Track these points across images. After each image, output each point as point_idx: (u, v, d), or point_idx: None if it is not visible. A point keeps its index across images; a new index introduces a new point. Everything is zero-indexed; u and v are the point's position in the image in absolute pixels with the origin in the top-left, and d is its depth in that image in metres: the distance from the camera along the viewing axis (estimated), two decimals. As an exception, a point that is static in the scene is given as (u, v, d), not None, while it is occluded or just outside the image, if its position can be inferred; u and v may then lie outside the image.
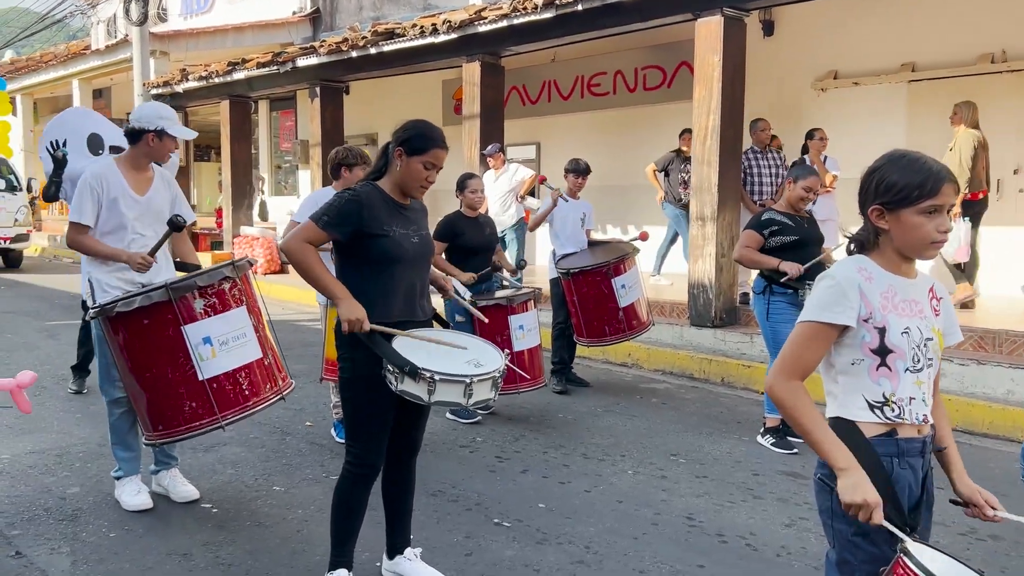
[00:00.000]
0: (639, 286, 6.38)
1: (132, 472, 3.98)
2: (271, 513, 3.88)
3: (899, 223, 1.98)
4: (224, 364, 3.44)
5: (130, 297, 3.42)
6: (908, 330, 2.00)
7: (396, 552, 3.20)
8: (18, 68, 20.04)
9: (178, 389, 3.41)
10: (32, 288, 12.12)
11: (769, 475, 4.59)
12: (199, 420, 3.43)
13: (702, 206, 7.47)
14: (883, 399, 2.00)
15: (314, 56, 11.53)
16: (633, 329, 6.31)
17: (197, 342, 3.39)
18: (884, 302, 2.00)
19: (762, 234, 4.90)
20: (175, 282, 3.44)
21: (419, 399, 2.76)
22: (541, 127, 12.54)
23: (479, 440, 5.14)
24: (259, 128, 17.25)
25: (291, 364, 7.11)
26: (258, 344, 3.57)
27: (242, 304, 3.55)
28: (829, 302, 1.99)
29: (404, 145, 2.93)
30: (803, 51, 9.63)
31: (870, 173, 2.04)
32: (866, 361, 2.00)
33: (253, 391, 3.51)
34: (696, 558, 3.50)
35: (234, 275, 3.54)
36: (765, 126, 7.92)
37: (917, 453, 2.03)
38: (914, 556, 1.76)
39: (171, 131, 3.87)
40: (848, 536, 2.01)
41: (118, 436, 3.95)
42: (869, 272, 2.02)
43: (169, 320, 3.39)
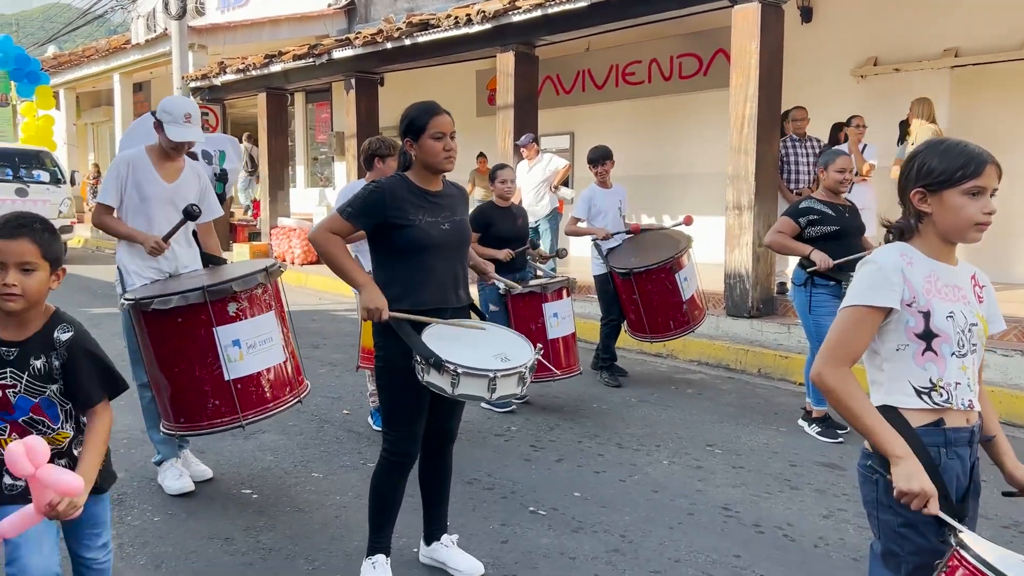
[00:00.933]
0: (695, 275, 6.31)
1: (170, 455, 4.06)
2: (310, 499, 3.94)
3: (942, 205, 1.96)
4: (250, 366, 3.52)
5: (167, 296, 3.48)
6: (952, 314, 1.97)
7: (433, 538, 3.23)
8: (61, 63, 20.43)
9: (204, 387, 3.50)
10: (75, 279, 12.38)
11: (807, 466, 4.55)
12: (221, 418, 3.52)
13: (739, 195, 7.40)
14: (930, 384, 1.98)
15: (349, 48, 11.60)
16: (696, 320, 6.26)
17: (227, 344, 3.47)
18: (927, 286, 1.97)
19: (798, 222, 4.82)
20: (212, 285, 3.51)
21: (443, 391, 2.77)
22: (575, 117, 12.49)
23: (514, 429, 5.16)
24: (295, 120, 17.41)
25: (328, 353, 7.26)
26: (283, 348, 3.66)
27: (271, 309, 3.64)
28: (872, 285, 1.97)
29: (408, 133, 2.95)
30: (842, 37, 9.48)
31: (910, 159, 2.03)
32: (911, 346, 1.98)
33: (274, 393, 3.61)
34: (732, 548, 3.49)
35: (267, 281, 3.62)
36: (800, 114, 7.82)
37: (965, 443, 2.00)
38: (971, 548, 1.73)
39: (168, 134, 3.86)
40: (895, 527, 1.99)
41: (151, 420, 4.02)
42: (910, 257, 2.01)
43: (202, 321, 3.46)
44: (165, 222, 3.92)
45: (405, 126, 2.95)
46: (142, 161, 3.92)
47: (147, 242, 3.81)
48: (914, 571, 1.95)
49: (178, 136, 3.88)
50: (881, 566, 2.05)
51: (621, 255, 6.28)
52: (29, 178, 14.33)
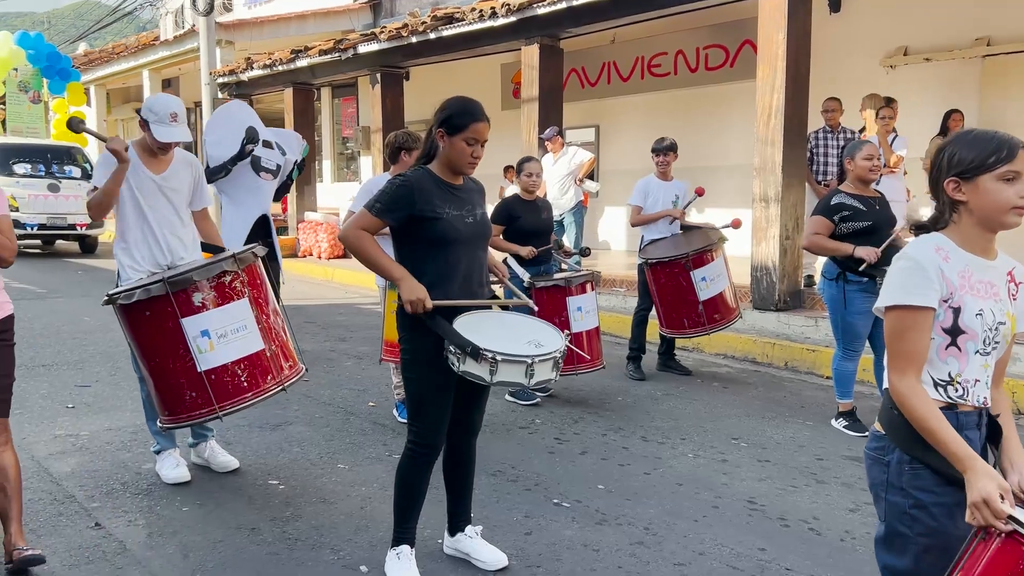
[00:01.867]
0: (724, 277, 6.13)
1: (168, 446, 4.10)
2: (336, 490, 3.97)
3: (977, 192, 1.95)
4: (222, 356, 3.48)
5: (130, 290, 3.49)
6: (982, 312, 1.96)
7: (457, 529, 3.25)
8: (91, 60, 20.70)
9: (179, 379, 3.49)
10: (106, 272, 12.55)
11: (833, 460, 4.51)
12: (199, 409, 3.50)
13: (765, 187, 7.34)
14: (948, 378, 1.98)
15: (375, 42, 11.65)
16: (715, 323, 6.10)
17: (195, 335, 3.45)
18: (962, 282, 1.96)
19: (832, 220, 4.73)
20: (172, 276, 3.49)
21: (481, 379, 2.79)
22: (600, 110, 12.46)
23: (538, 422, 5.17)
24: (322, 115, 17.51)
25: (355, 346, 7.31)
26: (260, 336, 3.57)
27: (243, 296, 3.56)
28: (914, 284, 1.94)
29: (444, 125, 2.94)
30: (871, 27, 9.35)
31: (940, 151, 2.02)
32: (936, 340, 1.97)
33: (252, 383, 3.54)
34: (757, 541, 3.47)
35: (235, 268, 3.55)
36: (831, 105, 7.72)
37: (974, 426, 2.01)
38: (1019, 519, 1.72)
39: (155, 135, 3.86)
40: (906, 508, 1.99)
41: (149, 412, 4.06)
42: (946, 251, 1.98)
43: (168, 313, 3.44)
44: (160, 211, 3.93)
45: (444, 118, 2.94)
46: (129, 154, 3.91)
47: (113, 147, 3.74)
48: (924, 552, 1.95)
49: (165, 136, 3.87)
50: (885, 549, 2.06)
51: (657, 247, 6.25)
52: (61, 174, 14.56)
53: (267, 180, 6.41)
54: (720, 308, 6.12)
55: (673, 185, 6.36)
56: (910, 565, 1.99)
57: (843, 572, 3.22)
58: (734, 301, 6.29)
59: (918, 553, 1.97)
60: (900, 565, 2.02)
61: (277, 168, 6.47)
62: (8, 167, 13.92)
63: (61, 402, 5.39)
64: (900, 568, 2.02)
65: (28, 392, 5.57)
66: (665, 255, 6.07)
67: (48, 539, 3.38)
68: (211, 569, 3.15)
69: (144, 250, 3.94)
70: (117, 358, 6.60)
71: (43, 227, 13.92)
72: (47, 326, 7.92)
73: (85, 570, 3.13)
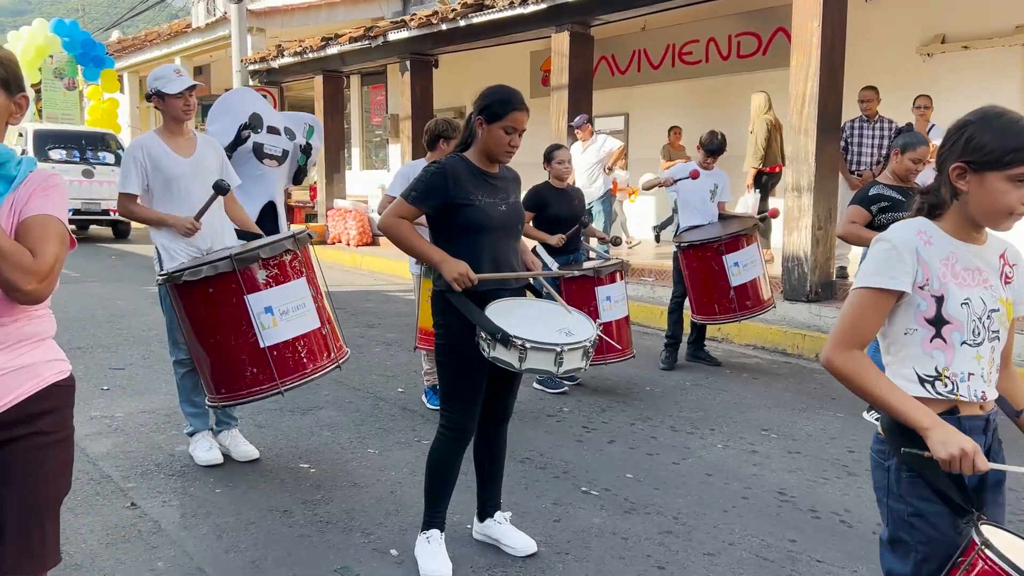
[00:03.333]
0: (757, 265, 6.07)
1: (202, 428, 4.16)
2: (366, 474, 4.01)
3: (981, 186, 1.81)
4: (284, 333, 3.55)
5: (197, 266, 3.53)
6: (969, 301, 1.85)
7: (487, 515, 3.26)
8: (124, 47, 20.92)
9: (240, 355, 3.54)
10: (139, 258, 12.74)
11: (865, 452, 4.43)
12: (260, 385, 3.56)
13: (798, 176, 7.25)
14: (935, 373, 1.87)
15: (404, 30, 11.65)
16: (746, 310, 6.05)
17: (259, 311, 3.51)
18: (944, 269, 1.85)
19: (869, 210, 4.67)
20: (239, 253, 3.54)
21: (510, 366, 2.79)
22: (630, 97, 12.38)
23: (566, 410, 5.17)
24: (351, 103, 17.57)
25: (383, 332, 7.35)
26: (316, 314, 3.67)
27: (302, 275, 3.65)
28: (884, 266, 1.85)
29: (483, 113, 2.94)
30: (908, 13, 9.20)
31: (959, 128, 1.87)
32: (920, 331, 1.87)
33: (311, 359, 3.62)
34: (787, 532, 3.45)
35: (295, 247, 3.64)
36: (867, 95, 7.62)
37: (980, 431, 1.90)
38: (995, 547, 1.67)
39: (165, 89, 3.92)
40: (904, 516, 1.91)
41: (184, 394, 4.13)
42: (929, 235, 1.87)
43: (233, 289, 3.50)
44: (197, 194, 3.95)
45: (483, 106, 2.94)
46: (154, 142, 3.96)
47: (179, 225, 3.86)
48: (924, 560, 1.88)
49: (179, 86, 3.92)
50: (888, 553, 1.99)
51: (693, 233, 6.19)
52: (95, 160, 14.75)
53: (271, 167, 6.22)
54: (751, 295, 6.06)
55: (713, 175, 6.27)
56: (912, 572, 1.91)
57: (875, 565, 3.17)
58: (767, 291, 6.21)
59: (918, 562, 1.90)
60: (903, 571, 1.95)
61: (284, 154, 6.29)
62: (44, 153, 14.12)
63: (96, 384, 5.47)
64: (901, 574, 1.95)
65: (64, 374, 5.66)
66: (698, 238, 6.04)
67: (85, 518, 3.44)
68: (244, 550, 3.19)
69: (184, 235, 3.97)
70: (150, 342, 6.69)
71: (77, 212, 14.11)
72: (82, 310, 8.05)
73: (122, 548, 3.19)
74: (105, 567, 3.04)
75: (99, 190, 14.25)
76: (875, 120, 7.71)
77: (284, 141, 6.34)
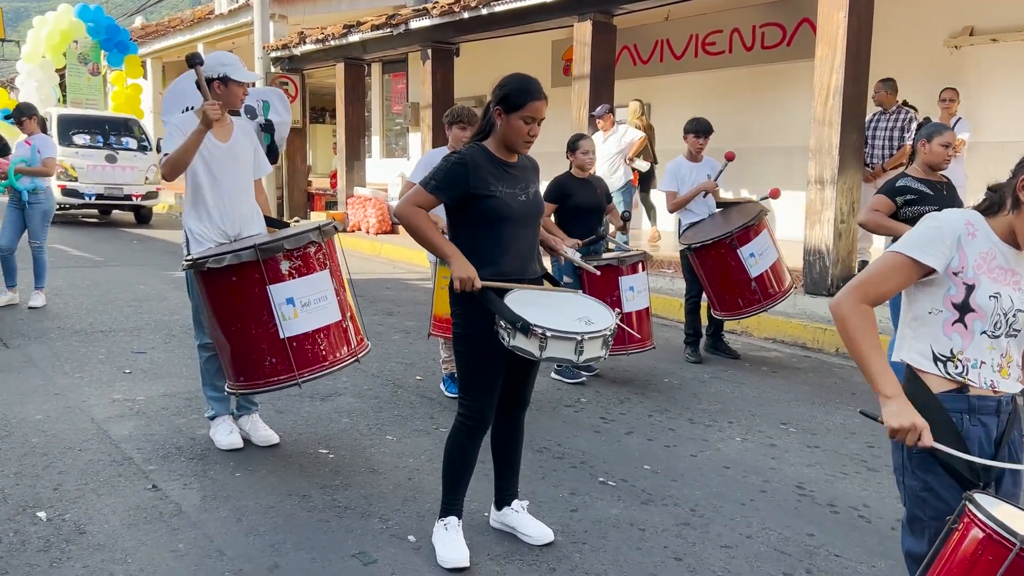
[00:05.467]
0: (772, 250, 5.99)
1: (223, 412, 4.19)
2: (384, 461, 4.03)
3: None
4: (305, 324, 3.56)
5: (221, 254, 3.55)
6: (999, 295, 1.94)
7: (504, 504, 3.27)
8: (148, 33, 21.03)
9: (260, 345, 3.57)
10: (161, 243, 12.83)
11: (885, 447, 4.43)
12: (278, 375, 3.58)
13: (821, 169, 7.19)
14: (949, 354, 1.97)
15: (426, 18, 11.63)
16: (771, 297, 5.95)
17: (281, 302, 3.53)
18: (980, 261, 1.94)
19: (894, 201, 4.61)
20: (264, 243, 3.56)
21: (530, 355, 2.79)
22: (652, 88, 12.28)
23: (584, 401, 5.17)
24: (372, 91, 17.57)
25: (402, 320, 7.37)
26: (338, 307, 3.68)
27: (325, 268, 3.66)
28: (924, 241, 1.95)
29: (502, 103, 2.92)
30: (936, 6, 9.06)
31: None
32: (944, 314, 1.97)
33: (330, 351, 3.63)
34: (806, 527, 3.44)
35: (320, 240, 3.64)
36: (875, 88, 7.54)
37: (991, 411, 1.98)
38: (981, 505, 1.71)
39: (234, 76, 3.96)
40: (917, 492, 2.01)
41: (207, 378, 4.16)
42: (976, 228, 1.97)
43: (256, 279, 3.52)
44: (230, 180, 3.97)
45: (501, 96, 2.93)
46: (195, 124, 3.93)
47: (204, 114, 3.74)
48: (936, 536, 1.92)
49: (248, 77, 4.01)
50: (909, 533, 2.06)
51: (698, 230, 6.15)
52: (118, 145, 14.85)
53: None
54: (773, 282, 5.98)
55: (705, 164, 6.23)
56: (927, 550, 1.95)
57: (893, 561, 3.17)
58: (786, 274, 6.14)
59: (932, 537, 1.95)
60: (919, 550, 2.01)
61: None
62: (68, 138, 14.24)
63: (118, 367, 5.53)
64: (919, 553, 2.01)
65: (87, 356, 5.73)
66: (709, 237, 5.94)
67: (108, 499, 3.48)
68: (263, 533, 3.22)
69: (216, 217, 3.98)
70: (172, 327, 6.75)
71: (100, 197, 14.24)
72: (105, 293, 8.13)
73: (144, 529, 3.22)
74: (127, 547, 3.07)
75: (122, 175, 14.36)
76: (891, 112, 7.65)
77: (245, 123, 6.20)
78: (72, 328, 6.59)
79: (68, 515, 3.31)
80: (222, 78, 3.95)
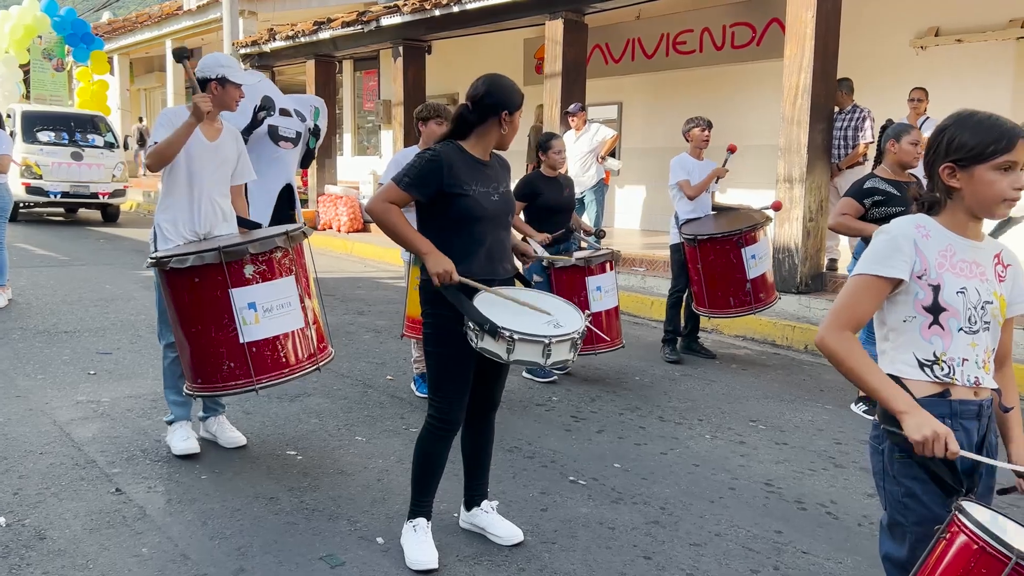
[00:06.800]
0: (768, 257, 6.08)
1: (182, 417, 4.09)
2: (353, 462, 3.99)
3: (972, 180, 1.94)
4: (266, 330, 3.50)
5: (184, 254, 3.50)
6: (964, 290, 1.96)
7: (473, 504, 3.26)
8: (115, 29, 20.72)
9: (219, 348, 3.50)
10: (128, 241, 12.65)
11: (852, 444, 4.48)
12: (235, 380, 3.52)
13: (790, 168, 7.25)
14: (933, 357, 1.98)
15: (397, 15, 11.57)
16: (760, 302, 6.00)
17: (242, 306, 3.47)
18: (941, 260, 1.96)
19: (862, 203, 4.65)
20: (228, 246, 3.50)
21: (498, 357, 2.78)
22: (623, 87, 12.33)
23: (555, 399, 5.17)
24: (343, 88, 17.46)
25: (373, 319, 7.32)
26: (301, 314, 3.62)
27: (291, 274, 3.59)
28: (883, 256, 1.97)
29: (506, 108, 2.95)
30: (902, 6, 9.18)
31: (939, 132, 2.00)
32: (918, 319, 1.98)
33: (290, 358, 3.57)
34: (774, 524, 3.46)
35: (286, 245, 3.57)
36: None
37: (972, 416, 1.99)
38: (970, 513, 1.71)
39: (232, 78, 3.91)
40: (899, 498, 2.00)
41: (170, 380, 4.07)
42: (927, 229, 1.99)
43: (218, 282, 3.45)
44: (209, 178, 3.92)
45: (505, 99, 2.93)
46: (185, 116, 3.88)
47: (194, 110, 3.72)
48: (918, 542, 1.94)
49: (246, 79, 3.99)
50: (888, 537, 2.06)
51: (698, 225, 6.13)
52: (84, 142, 14.61)
53: (287, 149, 6.41)
54: (764, 288, 6.04)
55: (706, 164, 6.25)
56: (907, 555, 1.97)
57: (860, 557, 3.20)
58: (772, 284, 6.21)
59: (913, 543, 1.96)
60: (899, 555, 2.01)
61: (297, 136, 6.46)
62: (32, 135, 13.99)
63: (83, 368, 5.44)
64: (898, 558, 2.01)
65: (51, 358, 5.63)
66: (718, 231, 5.94)
67: (70, 503, 3.42)
68: (229, 536, 3.18)
69: (186, 215, 3.92)
70: (138, 327, 6.65)
71: (66, 195, 14.00)
72: (69, 293, 8.00)
73: (105, 534, 3.17)
74: (88, 552, 3.02)
75: (88, 173, 14.13)
76: (846, 111, 7.77)
77: (297, 123, 6.46)
78: (35, 329, 6.48)
79: (28, 520, 3.25)
80: (220, 79, 3.90)
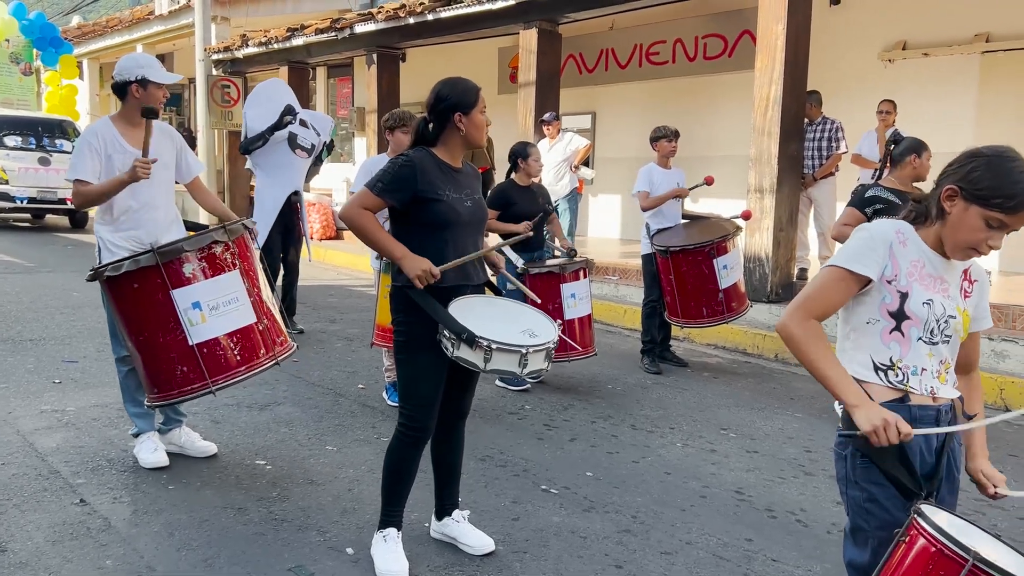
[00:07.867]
0: (740, 267, 6.14)
1: (147, 429, 4.00)
2: (323, 471, 3.96)
3: (962, 215, 1.92)
4: (214, 329, 3.41)
5: (118, 262, 3.41)
6: (931, 302, 1.98)
7: (444, 514, 3.24)
8: (85, 33, 20.45)
9: (169, 354, 3.40)
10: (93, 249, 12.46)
11: (822, 452, 4.52)
12: (191, 384, 3.42)
13: (761, 178, 7.32)
14: (889, 363, 2.00)
15: (371, 22, 11.55)
16: (732, 312, 6.05)
17: (186, 307, 3.37)
18: (911, 269, 1.99)
19: (864, 212, 4.63)
20: (162, 246, 3.41)
21: (474, 366, 2.77)
22: (597, 96, 12.39)
23: (528, 408, 5.16)
24: (317, 95, 17.38)
25: (345, 328, 7.28)
26: (252, 309, 3.52)
27: (235, 268, 3.49)
28: (857, 252, 1.98)
29: (460, 109, 2.93)
30: (871, 20, 9.32)
31: (972, 156, 1.94)
32: (881, 323, 2.00)
33: (245, 357, 3.47)
34: (744, 532, 3.47)
35: (225, 238, 3.48)
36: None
37: (931, 421, 2.01)
38: (928, 516, 1.74)
39: (153, 78, 3.80)
40: (861, 503, 2.02)
41: (128, 394, 3.98)
42: (905, 236, 2.01)
43: (158, 285, 3.36)
44: (146, 187, 3.78)
45: (456, 101, 2.92)
46: (109, 132, 3.82)
47: (133, 173, 3.61)
48: (880, 546, 1.96)
49: (168, 78, 3.84)
50: (852, 543, 2.08)
51: (669, 236, 6.16)
52: (52, 147, 14.42)
53: (301, 157, 6.69)
54: (736, 297, 6.08)
55: (674, 173, 6.28)
56: (870, 560, 1.99)
57: (829, 564, 3.22)
58: (745, 296, 6.26)
59: (875, 548, 1.98)
60: (861, 560, 2.03)
61: (312, 148, 6.77)
62: (-2, 139, 13.78)
63: (48, 377, 5.34)
64: (861, 563, 2.03)
65: (14, 366, 5.52)
66: (689, 242, 5.96)
67: (32, 514, 3.35)
68: (196, 548, 3.13)
69: (127, 226, 3.84)
70: (106, 334, 6.50)
71: (33, 200, 13.77)
72: (35, 300, 7.86)
73: (69, 546, 3.10)
74: (51, 565, 2.96)
75: (55, 178, 13.91)
76: (817, 123, 7.88)
77: (313, 135, 6.80)
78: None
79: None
80: (140, 80, 3.79)
